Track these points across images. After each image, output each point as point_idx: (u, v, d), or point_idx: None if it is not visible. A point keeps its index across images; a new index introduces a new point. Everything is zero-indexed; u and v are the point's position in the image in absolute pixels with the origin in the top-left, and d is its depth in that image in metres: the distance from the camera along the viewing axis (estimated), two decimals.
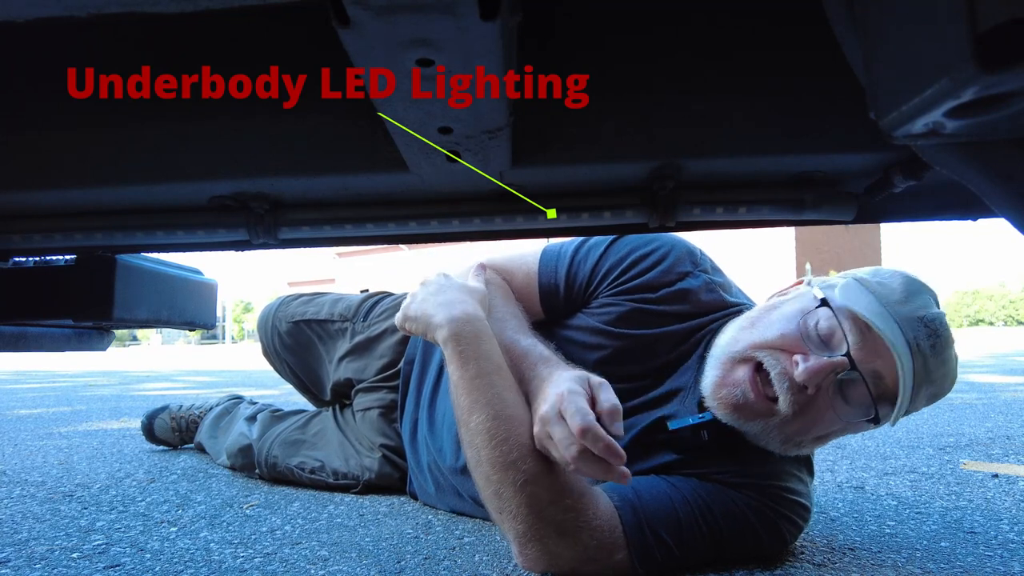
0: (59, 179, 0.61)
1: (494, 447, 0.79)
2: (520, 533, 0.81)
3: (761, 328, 0.88)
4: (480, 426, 0.81)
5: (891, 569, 0.92)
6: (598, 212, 0.62)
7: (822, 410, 0.84)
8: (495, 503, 0.82)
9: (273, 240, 0.64)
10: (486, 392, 0.82)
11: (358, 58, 0.42)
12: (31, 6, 0.38)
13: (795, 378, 0.82)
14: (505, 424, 0.80)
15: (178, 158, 0.59)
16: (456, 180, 0.58)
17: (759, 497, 0.90)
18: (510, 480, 0.79)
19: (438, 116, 0.48)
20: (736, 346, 0.88)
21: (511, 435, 0.80)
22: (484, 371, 0.83)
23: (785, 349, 0.85)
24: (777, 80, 0.57)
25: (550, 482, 0.80)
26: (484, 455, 0.81)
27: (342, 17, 0.38)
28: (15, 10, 0.39)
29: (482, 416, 0.81)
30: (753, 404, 0.85)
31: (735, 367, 0.87)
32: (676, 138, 0.57)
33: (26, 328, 0.74)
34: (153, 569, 0.93)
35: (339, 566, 0.94)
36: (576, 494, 0.82)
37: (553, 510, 0.80)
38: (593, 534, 0.81)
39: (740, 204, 0.63)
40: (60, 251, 0.71)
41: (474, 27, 0.39)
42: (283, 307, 1.63)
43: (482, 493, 0.84)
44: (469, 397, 0.82)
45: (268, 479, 1.48)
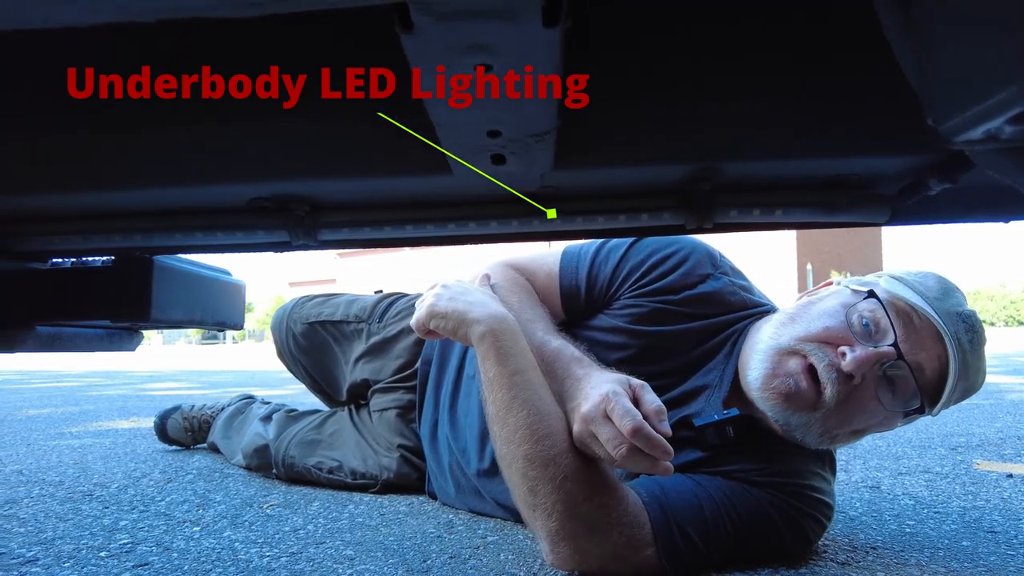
0: (99, 181, 0.61)
1: (535, 443, 0.80)
2: (553, 531, 0.81)
3: (804, 323, 0.90)
4: (520, 422, 0.81)
5: (915, 568, 0.92)
6: (635, 214, 0.63)
7: (864, 402, 0.85)
8: (529, 500, 0.82)
9: (313, 242, 0.65)
10: (525, 389, 0.83)
11: (416, 62, 0.42)
12: (94, 11, 0.39)
13: (843, 368, 0.83)
14: (546, 420, 0.81)
15: (218, 160, 0.60)
16: (499, 182, 0.59)
17: (783, 495, 0.91)
18: (548, 476, 0.80)
19: (489, 119, 0.48)
20: (781, 340, 0.89)
21: (552, 432, 0.81)
22: (522, 368, 0.84)
23: (830, 342, 0.86)
24: (813, 83, 0.58)
25: (586, 478, 0.81)
26: (523, 451, 0.81)
27: (406, 23, 0.39)
28: (81, 15, 0.39)
29: (523, 413, 0.81)
30: (804, 393, 0.86)
31: (784, 359, 0.88)
32: (714, 141, 0.58)
33: (62, 328, 0.75)
34: (181, 568, 0.93)
35: (365, 565, 0.94)
36: (609, 491, 0.83)
37: (587, 507, 0.80)
38: (623, 531, 0.82)
39: (776, 206, 0.64)
40: (98, 252, 0.72)
41: (534, 33, 0.39)
42: (298, 308, 1.64)
43: (515, 490, 0.85)
44: (508, 393, 0.83)
45: (285, 479, 1.49)
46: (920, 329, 0.84)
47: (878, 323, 0.86)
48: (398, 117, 0.57)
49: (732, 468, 0.93)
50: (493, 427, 0.86)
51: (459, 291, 0.94)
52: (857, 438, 0.92)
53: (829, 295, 0.94)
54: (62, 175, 0.61)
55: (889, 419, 0.88)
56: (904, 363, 0.83)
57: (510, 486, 0.85)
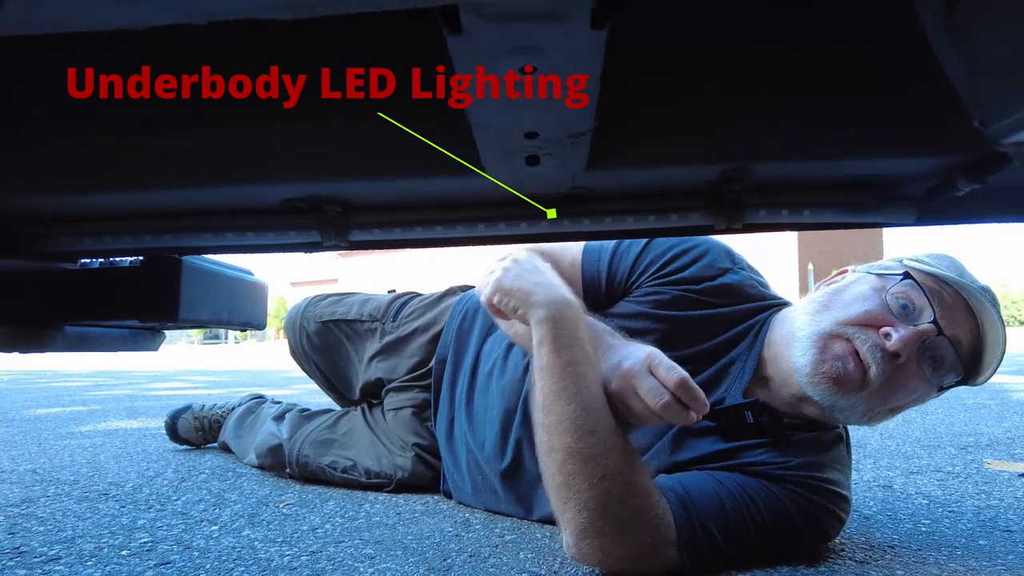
0: (132, 182, 0.62)
1: (579, 438, 0.80)
2: (581, 527, 0.82)
3: (840, 308, 0.93)
4: (567, 415, 0.81)
5: (934, 566, 0.92)
6: (665, 214, 0.63)
7: (908, 378, 0.89)
8: (562, 492, 0.82)
9: (344, 242, 0.65)
10: (577, 382, 0.82)
11: (460, 63, 0.43)
12: (147, 13, 0.39)
13: (888, 348, 0.87)
14: (593, 416, 0.81)
15: (253, 161, 0.60)
16: (531, 183, 0.59)
17: (802, 490, 0.92)
18: (587, 473, 0.80)
19: (527, 120, 0.49)
20: (822, 325, 0.92)
21: (598, 428, 0.81)
22: (577, 360, 0.84)
23: (870, 324, 0.90)
24: (842, 83, 0.58)
25: (624, 480, 0.81)
26: (564, 443, 0.81)
27: (454, 25, 0.39)
28: (134, 18, 0.39)
29: (571, 406, 0.81)
30: (852, 375, 0.89)
31: (830, 344, 0.91)
32: (744, 142, 0.58)
33: (89, 328, 0.75)
34: (204, 567, 0.94)
35: (386, 564, 0.95)
36: (643, 494, 0.83)
37: (619, 508, 0.81)
38: (649, 533, 0.82)
39: (804, 207, 0.64)
40: (128, 253, 0.72)
41: (582, 34, 0.40)
42: (311, 307, 1.64)
43: (550, 479, 0.84)
44: (559, 384, 0.82)
45: (298, 478, 1.49)
46: (952, 305, 0.90)
47: (913, 302, 0.90)
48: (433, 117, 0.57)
49: (751, 460, 0.94)
50: (537, 413, 0.86)
51: (527, 268, 0.93)
52: (893, 415, 0.95)
53: (854, 282, 0.97)
54: (94, 176, 0.61)
55: (926, 394, 0.92)
56: (945, 338, 0.88)
57: (544, 473, 0.85)
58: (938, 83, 0.55)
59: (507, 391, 1.17)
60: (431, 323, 1.46)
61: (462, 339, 1.36)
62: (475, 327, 1.38)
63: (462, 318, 1.39)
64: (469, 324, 1.38)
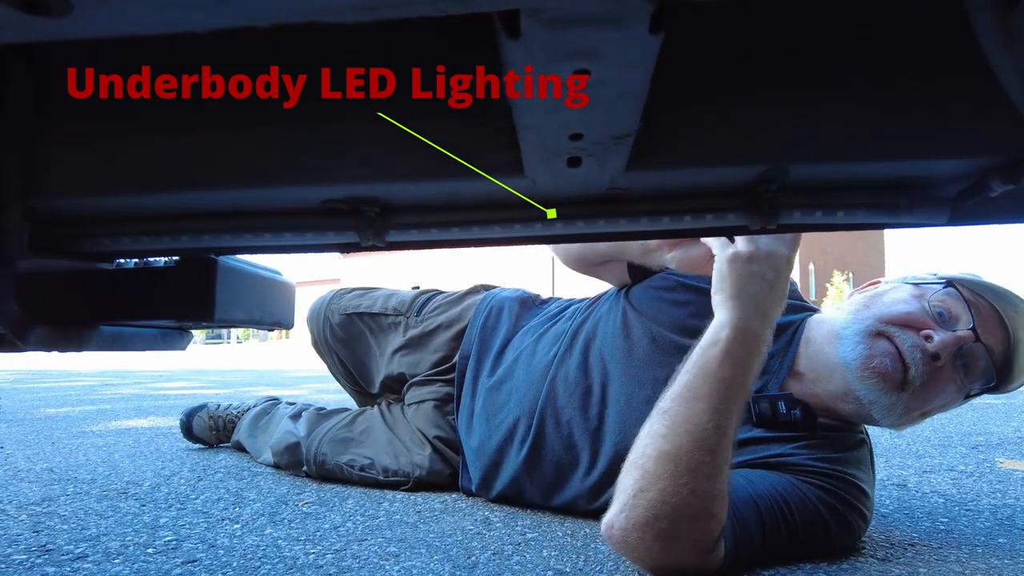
0: (175, 183, 0.62)
1: (695, 448, 0.79)
2: (641, 520, 0.81)
3: (881, 307, 0.97)
4: (700, 423, 0.80)
5: (956, 564, 0.93)
6: (701, 215, 0.64)
7: (943, 382, 0.93)
8: (645, 481, 0.81)
9: (381, 243, 0.65)
10: (725, 400, 0.81)
11: (515, 66, 0.43)
12: (214, 17, 0.40)
13: (928, 349, 0.91)
14: (721, 441, 0.80)
15: (294, 161, 0.61)
16: (569, 184, 0.60)
17: (829, 484, 0.94)
18: (683, 483, 0.79)
19: (574, 123, 0.49)
20: (866, 323, 0.95)
21: (718, 451, 0.80)
22: (736, 383, 0.82)
23: (911, 325, 0.93)
24: (880, 84, 0.59)
25: (707, 505, 0.80)
26: (679, 443, 0.80)
27: (513, 29, 0.40)
28: (199, 22, 0.40)
29: (707, 418, 0.80)
30: (896, 373, 0.92)
31: (876, 341, 0.94)
32: (784, 143, 0.59)
33: (123, 328, 0.76)
34: (230, 565, 0.94)
35: (411, 562, 0.95)
36: (715, 520, 0.81)
37: (688, 525, 0.80)
38: (696, 545, 0.82)
39: (838, 208, 0.65)
40: (165, 253, 0.73)
41: (639, 39, 0.40)
42: (336, 300, 1.67)
43: (640, 459, 0.83)
44: (708, 391, 0.81)
45: (315, 477, 1.50)
46: (987, 315, 0.93)
47: (951, 311, 0.94)
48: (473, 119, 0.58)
49: (781, 451, 0.96)
50: (669, 400, 0.84)
51: (779, 268, 0.85)
52: (923, 419, 0.98)
53: (891, 289, 1.02)
54: (136, 177, 0.62)
55: (956, 399, 0.96)
56: (981, 345, 0.92)
57: (638, 448, 0.84)
58: (974, 85, 0.56)
59: (535, 374, 1.20)
60: (455, 319, 1.48)
61: (486, 336, 1.38)
62: (500, 324, 1.40)
63: (486, 315, 1.41)
64: (494, 322, 1.41)
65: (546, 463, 1.15)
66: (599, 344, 1.17)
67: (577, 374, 1.16)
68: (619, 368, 1.12)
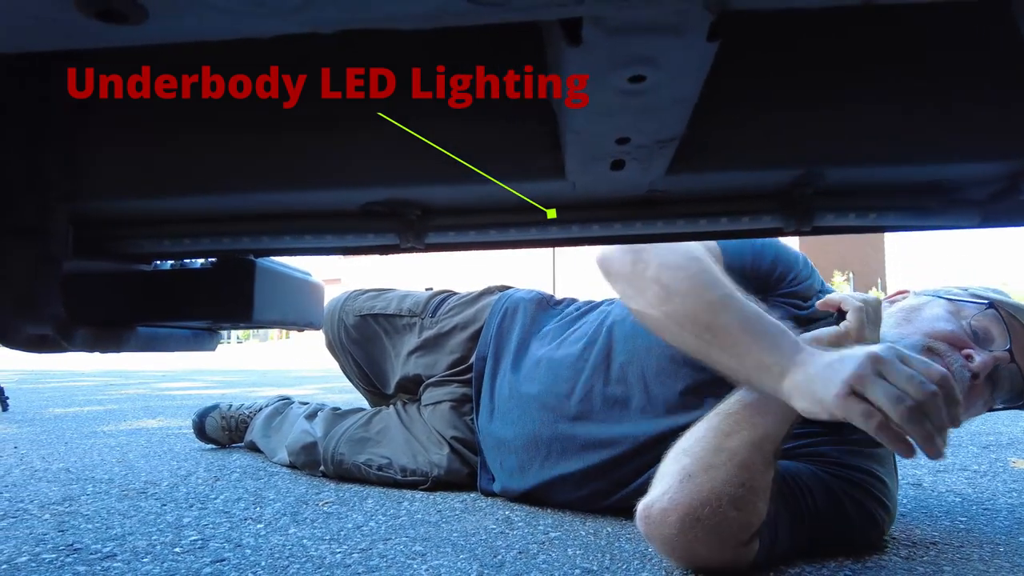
0: (217, 185, 0.63)
1: (756, 454, 0.83)
2: (680, 504, 0.82)
3: (924, 323, 0.98)
4: (762, 435, 0.84)
5: (979, 563, 0.94)
6: (737, 217, 0.65)
7: (976, 398, 0.95)
8: (696, 468, 0.83)
9: (420, 245, 0.66)
10: (788, 423, 0.84)
11: (572, 72, 0.44)
12: (281, 23, 0.41)
13: (971, 368, 0.92)
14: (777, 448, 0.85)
15: (337, 165, 0.62)
16: (609, 187, 0.61)
17: (853, 479, 0.95)
18: (734, 476, 0.82)
19: (624, 127, 0.50)
20: (914, 337, 0.96)
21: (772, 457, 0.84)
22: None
23: (955, 344, 0.95)
24: (917, 88, 0.59)
25: (755, 500, 0.83)
26: (739, 446, 0.83)
27: (575, 37, 0.41)
28: (271, 28, 0.41)
29: (770, 433, 0.84)
30: None
31: (930, 357, 0.93)
32: (821, 147, 0.60)
33: (158, 329, 0.76)
34: (259, 564, 0.95)
35: (438, 560, 0.96)
36: (757, 519, 0.84)
37: (733, 517, 0.82)
38: (734, 541, 0.84)
39: (870, 210, 0.65)
40: (204, 254, 0.74)
41: (697, 46, 0.41)
42: (350, 301, 1.68)
43: (694, 450, 0.85)
44: (776, 412, 0.84)
45: (332, 476, 1.51)
46: (1020, 337, 0.95)
47: (987, 330, 0.96)
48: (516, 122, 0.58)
49: (806, 443, 0.98)
50: (737, 405, 0.87)
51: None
52: None
53: (926, 304, 1.02)
54: (181, 179, 0.63)
55: (981, 412, 0.98)
56: (1016, 365, 0.94)
57: (689, 438, 0.87)
58: (1007, 88, 0.57)
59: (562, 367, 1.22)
60: (471, 320, 1.49)
61: (503, 336, 1.39)
62: (515, 325, 1.41)
63: (502, 316, 1.42)
64: (509, 323, 1.42)
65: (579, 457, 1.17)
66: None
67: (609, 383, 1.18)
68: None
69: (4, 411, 2.93)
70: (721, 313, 0.84)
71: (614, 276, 0.95)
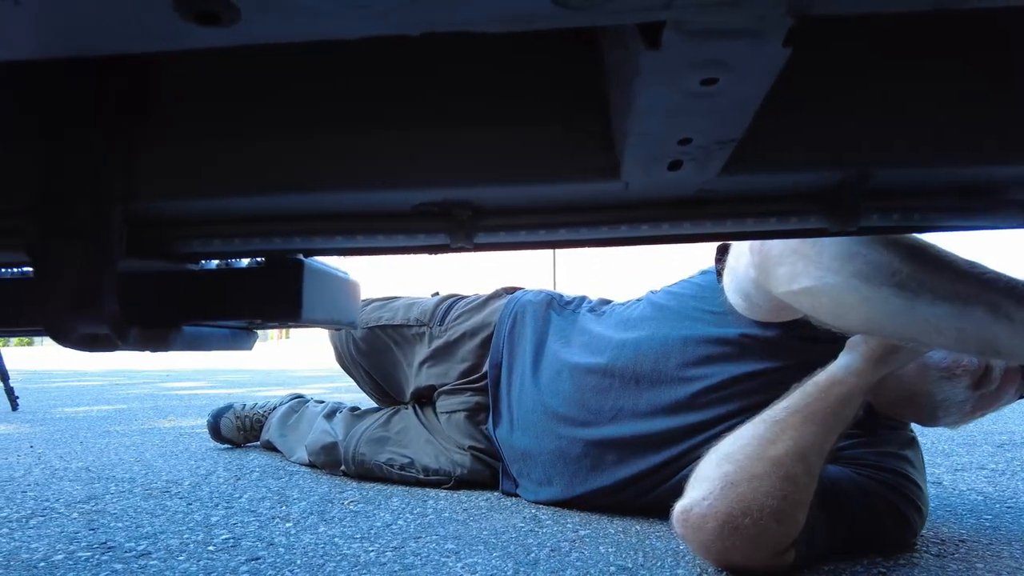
0: (271, 185, 0.63)
1: (801, 465, 0.83)
2: (720, 511, 0.82)
3: None
4: (808, 445, 0.84)
5: (1010, 560, 0.95)
6: (784, 217, 0.66)
7: (1007, 388, 0.95)
8: (739, 476, 0.83)
9: (470, 244, 0.67)
10: (834, 433, 0.85)
11: (646, 76, 0.45)
12: (360, 25, 0.41)
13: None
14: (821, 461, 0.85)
15: (390, 165, 0.62)
16: (662, 187, 0.62)
17: (887, 481, 0.96)
18: (778, 487, 0.81)
19: (688, 128, 0.51)
20: None
21: (816, 468, 0.84)
22: (849, 419, 0.86)
23: None
24: (966, 90, 0.60)
25: (795, 512, 0.82)
26: (784, 456, 0.83)
27: (654, 41, 0.41)
28: (343, 29, 0.41)
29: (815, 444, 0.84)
30: (979, 371, 0.94)
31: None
32: (871, 148, 0.61)
33: (201, 328, 0.77)
34: (294, 563, 0.96)
35: (472, 558, 0.97)
36: (796, 529, 0.84)
37: (773, 528, 0.82)
38: (772, 551, 0.84)
39: (914, 211, 0.66)
40: (254, 254, 0.74)
41: (772, 51, 0.42)
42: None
43: (737, 457, 0.85)
44: (824, 421, 0.84)
45: (353, 476, 1.51)
46: None
47: None
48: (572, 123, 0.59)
49: (846, 444, 0.97)
50: (784, 412, 0.87)
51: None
52: (971, 420, 1.00)
53: None
54: (235, 180, 0.63)
55: (1012, 400, 0.97)
56: None
57: (733, 444, 0.87)
58: None
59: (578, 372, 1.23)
60: (480, 327, 1.48)
61: (515, 343, 1.39)
62: (527, 330, 1.40)
63: (512, 322, 1.41)
64: (520, 328, 1.41)
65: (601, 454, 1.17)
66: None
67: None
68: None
69: (14, 410, 2.94)
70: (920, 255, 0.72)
71: (776, 257, 0.81)
